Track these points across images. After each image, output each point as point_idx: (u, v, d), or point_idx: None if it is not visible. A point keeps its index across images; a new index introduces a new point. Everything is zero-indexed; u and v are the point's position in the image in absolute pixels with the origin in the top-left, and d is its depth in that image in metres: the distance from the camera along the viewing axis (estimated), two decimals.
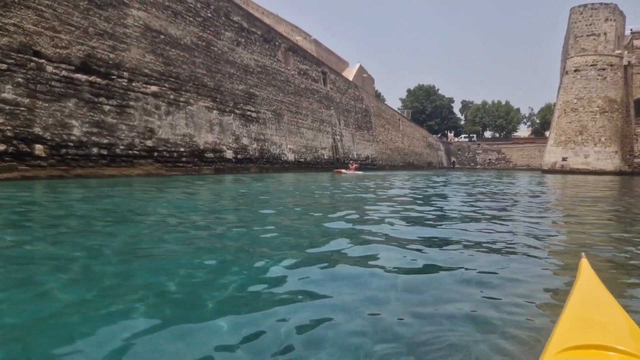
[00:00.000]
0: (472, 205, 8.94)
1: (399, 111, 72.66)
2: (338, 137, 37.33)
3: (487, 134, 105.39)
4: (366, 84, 58.55)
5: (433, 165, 79.62)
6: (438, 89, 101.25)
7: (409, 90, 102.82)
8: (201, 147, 19.48)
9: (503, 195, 12.14)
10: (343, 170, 26.90)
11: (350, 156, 39.99)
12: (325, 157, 34.08)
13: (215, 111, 20.75)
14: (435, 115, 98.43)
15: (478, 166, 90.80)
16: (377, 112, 50.88)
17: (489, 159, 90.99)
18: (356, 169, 28.96)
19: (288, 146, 28.06)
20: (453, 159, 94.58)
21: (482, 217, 6.95)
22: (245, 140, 23.07)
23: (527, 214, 7.60)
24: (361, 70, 58.70)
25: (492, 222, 6.23)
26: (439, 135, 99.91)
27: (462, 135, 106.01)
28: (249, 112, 23.76)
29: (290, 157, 28.18)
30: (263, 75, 25.82)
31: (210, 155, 20.07)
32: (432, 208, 8.35)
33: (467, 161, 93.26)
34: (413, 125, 71.90)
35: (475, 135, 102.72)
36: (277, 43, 28.22)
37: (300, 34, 45.74)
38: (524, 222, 6.34)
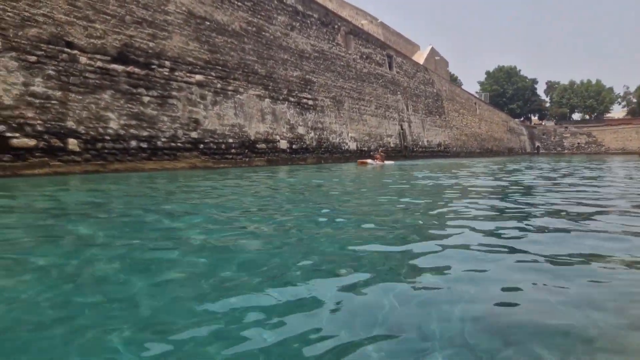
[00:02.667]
0: None
1: (476, 95, 68.71)
2: (406, 124, 35.36)
3: (576, 116, 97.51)
4: (439, 67, 55.64)
5: (515, 151, 74.71)
6: (520, 70, 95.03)
7: (487, 73, 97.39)
8: (252, 137, 18.63)
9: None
10: (369, 161, 22.41)
11: (420, 143, 37.87)
12: (392, 144, 32.33)
13: (267, 99, 19.82)
14: (516, 98, 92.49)
15: (565, 151, 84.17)
16: (450, 96, 48.03)
17: (578, 143, 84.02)
18: (383, 158, 23.57)
19: (349, 134, 26.69)
20: (537, 143, 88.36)
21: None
22: (301, 130, 21.99)
23: None
24: (433, 52, 55.82)
25: None
26: (521, 119, 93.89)
27: (548, 119, 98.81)
28: (305, 100, 22.64)
29: (352, 145, 26.79)
30: (320, 61, 24.58)
31: (263, 145, 19.18)
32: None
33: (552, 146, 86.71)
34: (492, 109, 67.68)
35: (561, 118, 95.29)
36: (336, 26, 26.84)
37: (365, 17, 43.94)
38: None
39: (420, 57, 52.38)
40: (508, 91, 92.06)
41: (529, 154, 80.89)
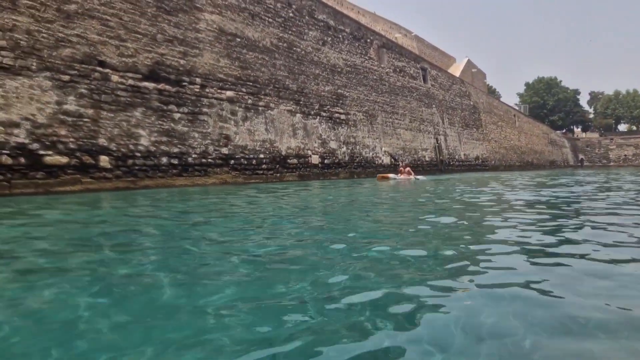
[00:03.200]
0: None
1: (515, 106, 67.08)
2: (442, 137, 34.70)
3: (622, 127, 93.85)
4: (476, 79, 54.72)
5: (557, 164, 72.30)
6: (560, 81, 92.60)
7: (527, 84, 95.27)
8: (283, 152, 18.54)
9: None
10: (391, 176, 20.22)
11: (457, 157, 37.06)
12: (427, 158, 31.73)
13: (298, 114, 19.74)
14: (558, 109, 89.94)
15: (611, 163, 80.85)
16: (488, 109, 46.99)
17: (625, 155, 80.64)
18: (409, 173, 21.34)
19: (383, 148, 26.31)
20: (581, 156, 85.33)
21: None
22: (333, 144, 21.80)
23: None
24: (469, 65, 55.00)
25: None
26: (563, 130, 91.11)
27: (592, 131, 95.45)
28: (337, 114, 22.47)
29: (386, 160, 26.39)
30: (353, 75, 24.41)
31: (294, 161, 19.06)
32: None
33: (597, 158, 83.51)
34: (532, 121, 65.86)
35: (606, 129, 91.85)
36: (368, 40, 26.68)
37: (399, 30, 43.74)
38: None
39: (456, 70, 51.65)
40: (549, 103, 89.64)
41: (572, 166, 78.14)
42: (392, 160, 22.25)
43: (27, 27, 10.82)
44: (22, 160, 10.35)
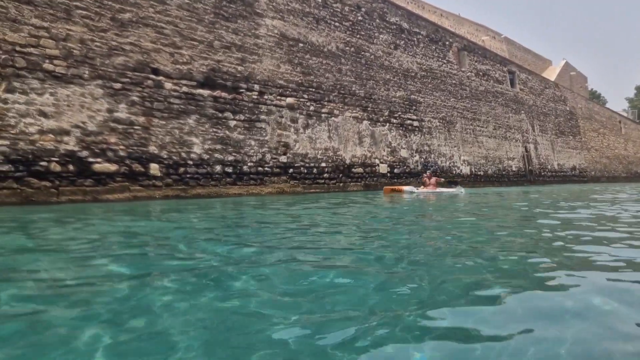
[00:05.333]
0: None
1: (623, 112, 60.90)
2: (531, 145, 31.98)
3: None
4: (574, 82, 50.42)
5: None
6: None
7: (637, 88, 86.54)
8: (347, 161, 17.71)
9: None
10: (406, 188, 15.63)
11: (549, 167, 34.00)
12: (514, 168, 29.32)
13: (365, 121, 18.83)
14: None
15: None
16: (587, 115, 42.90)
17: None
18: (435, 184, 16.71)
19: (461, 157, 24.57)
20: None
21: None
22: (403, 153, 20.59)
23: None
24: (567, 67, 50.80)
25: None
26: None
27: None
28: (409, 121, 21.25)
29: (465, 169, 24.62)
30: (428, 80, 23.05)
31: (359, 170, 18.15)
32: None
33: None
34: None
35: None
36: (447, 43, 25.15)
37: (487, 33, 41.30)
38: None
39: (552, 73, 47.93)
40: None
41: None
42: (427, 172, 18.53)
43: (81, 36, 10.98)
44: (71, 167, 10.44)
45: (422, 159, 21.69)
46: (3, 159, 9.52)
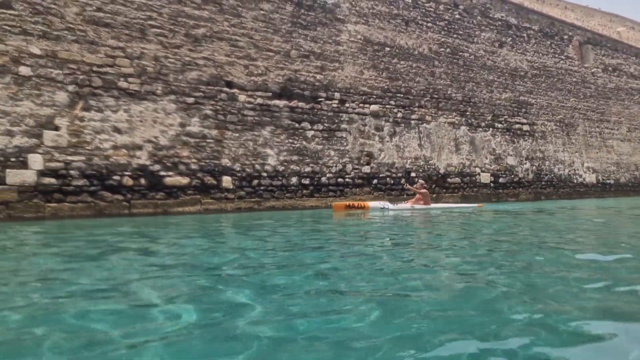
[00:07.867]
0: None
1: None
2: None
3: None
4: None
5: None
6: None
7: None
8: (442, 170, 16.35)
9: None
10: (375, 204, 12.32)
11: None
12: None
13: (463, 127, 17.29)
14: None
15: None
16: None
17: None
18: (428, 197, 12.90)
19: (585, 164, 21.61)
20: None
21: None
22: (510, 160, 18.56)
23: None
24: None
25: None
26: None
27: None
28: (517, 125, 19.16)
29: (589, 178, 21.60)
30: (542, 79, 20.66)
31: (456, 180, 16.65)
32: None
33: None
34: None
35: None
36: (565, 37, 22.43)
37: (623, 23, 36.28)
38: None
39: None
40: None
41: None
42: (405, 177, 14.56)
43: (155, 53, 11.33)
44: (143, 181, 10.73)
45: (534, 167, 19.40)
46: (79, 174, 10.02)
